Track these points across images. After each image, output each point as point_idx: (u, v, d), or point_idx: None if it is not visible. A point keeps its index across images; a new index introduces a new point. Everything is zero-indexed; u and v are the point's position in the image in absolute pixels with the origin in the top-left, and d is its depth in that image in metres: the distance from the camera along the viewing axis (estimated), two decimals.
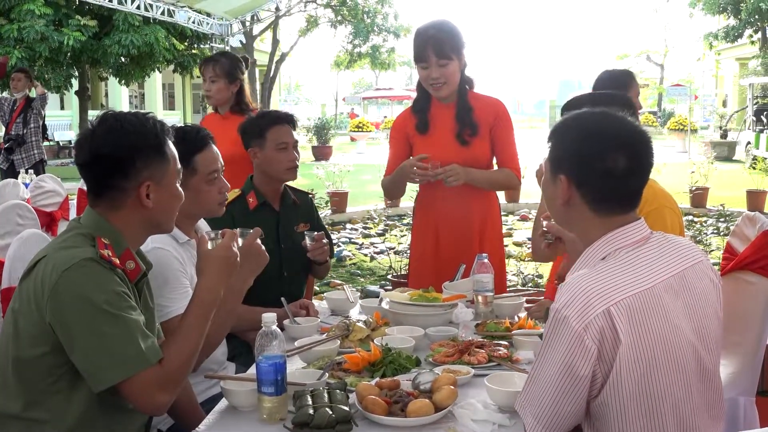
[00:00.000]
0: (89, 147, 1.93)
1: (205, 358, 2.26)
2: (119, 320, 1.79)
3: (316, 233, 3.16)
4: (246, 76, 4.42)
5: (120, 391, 1.80)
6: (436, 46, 3.21)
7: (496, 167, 3.46)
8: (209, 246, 2.09)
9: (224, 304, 2.10)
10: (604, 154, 1.67)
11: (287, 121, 3.25)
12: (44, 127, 8.97)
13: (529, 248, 8.51)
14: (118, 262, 1.88)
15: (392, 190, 3.52)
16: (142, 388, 1.79)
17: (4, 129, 8.80)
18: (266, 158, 3.17)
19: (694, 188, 10.97)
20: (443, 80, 3.24)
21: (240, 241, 2.23)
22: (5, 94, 9.24)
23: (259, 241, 2.29)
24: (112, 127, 1.94)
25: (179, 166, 2.05)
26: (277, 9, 16.42)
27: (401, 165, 3.28)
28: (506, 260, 7.39)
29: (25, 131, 8.59)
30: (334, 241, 3.83)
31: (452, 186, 3.19)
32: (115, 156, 1.92)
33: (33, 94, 9.03)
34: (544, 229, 2.36)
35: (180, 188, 2.05)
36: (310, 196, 3.52)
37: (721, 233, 8.13)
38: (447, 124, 3.33)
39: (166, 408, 1.88)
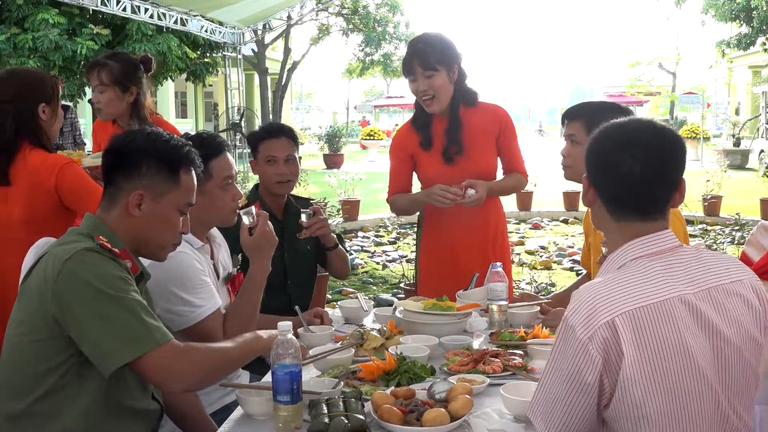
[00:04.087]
0: (115, 138, 2.05)
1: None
2: (123, 302, 1.80)
3: (311, 206, 3.17)
4: (145, 80, 3.55)
5: (134, 370, 1.82)
6: (422, 58, 3.19)
7: (501, 173, 3.48)
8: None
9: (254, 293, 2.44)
10: (615, 155, 1.66)
11: (282, 134, 3.24)
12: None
13: (541, 257, 8.49)
14: (118, 251, 1.90)
15: (408, 210, 3.53)
16: (156, 366, 1.79)
17: None
18: (259, 171, 3.25)
19: (707, 197, 10.93)
20: (431, 93, 3.21)
21: (246, 219, 2.47)
22: None
23: (270, 225, 2.48)
24: (143, 132, 2.05)
25: (192, 200, 2.08)
26: (289, 18, 16.49)
27: (428, 191, 3.23)
28: (520, 268, 7.45)
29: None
30: (347, 249, 3.82)
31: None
32: (123, 151, 2.00)
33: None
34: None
35: (177, 220, 2.05)
36: (312, 202, 3.45)
37: (736, 242, 8.07)
38: (441, 140, 3.32)
39: (188, 382, 1.85)
